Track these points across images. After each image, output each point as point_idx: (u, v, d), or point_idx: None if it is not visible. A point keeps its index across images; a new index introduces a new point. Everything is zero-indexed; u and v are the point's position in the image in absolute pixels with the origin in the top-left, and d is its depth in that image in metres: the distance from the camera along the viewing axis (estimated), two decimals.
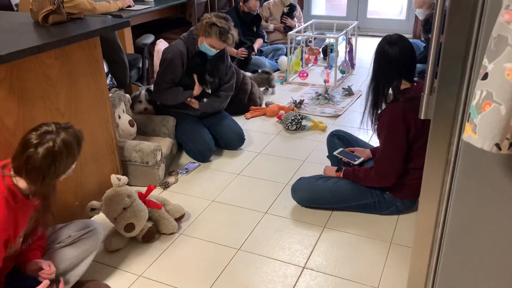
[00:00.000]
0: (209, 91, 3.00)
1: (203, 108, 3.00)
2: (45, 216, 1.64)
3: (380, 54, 2.11)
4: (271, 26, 5.07)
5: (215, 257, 2.07)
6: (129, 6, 3.72)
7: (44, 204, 1.60)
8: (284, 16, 5.06)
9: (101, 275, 1.95)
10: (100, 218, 2.12)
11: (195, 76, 2.89)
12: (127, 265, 2.02)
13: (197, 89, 2.92)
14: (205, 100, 2.98)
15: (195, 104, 2.96)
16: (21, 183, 1.53)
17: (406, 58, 2.08)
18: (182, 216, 2.28)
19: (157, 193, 2.50)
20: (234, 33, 2.85)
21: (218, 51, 2.88)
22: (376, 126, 2.20)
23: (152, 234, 2.15)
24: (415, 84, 2.14)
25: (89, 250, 1.83)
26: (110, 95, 2.65)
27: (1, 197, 1.46)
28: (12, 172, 1.53)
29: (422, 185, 1.41)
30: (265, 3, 5.15)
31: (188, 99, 2.94)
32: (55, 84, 2.03)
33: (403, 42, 2.09)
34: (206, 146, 2.91)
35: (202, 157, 2.91)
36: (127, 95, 2.86)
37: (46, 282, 1.62)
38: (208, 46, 2.83)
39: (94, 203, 2.11)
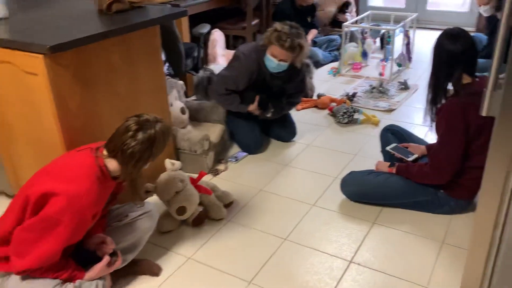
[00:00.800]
0: (269, 115, 2.88)
1: (263, 117, 2.93)
2: (134, 197, 1.80)
3: (440, 48, 2.03)
4: (332, 9, 4.98)
5: (262, 245, 2.09)
6: None
7: (132, 186, 1.74)
8: (340, 13, 5.01)
9: (153, 255, 2.03)
10: (153, 200, 2.21)
11: (256, 98, 2.76)
12: (177, 247, 2.09)
13: (253, 109, 2.82)
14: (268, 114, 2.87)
15: (255, 111, 2.86)
16: (111, 164, 1.66)
17: (467, 52, 1.99)
18: (231, 203, 2.33)
19: (207, 180, 2.56)
20: (302, 42, 2.60)
21: (284, 65, 2.67)
22: (434, 121, 2.13)
23: (202, 219, 2.21)
24: (477, 79, 2.05)
25: (145, 230, 1.91)
26: None
27: (94, 175, 1.61)
28: (105, 153, 1.66)
29: (482, 185, 1.35)
30: None
31: (250, 108, 2.85)
32: (116, 70, 2.12)
33: (464, 36, 2.00)
34: (253, 141, 2.91)
35: (248, 150, 2.92)
36: (181, 82, 2.92)
37: (107, 258, 1.73)
38: (270, 56, 2.64)
39: (149, 185, 2.19)
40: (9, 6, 2.35)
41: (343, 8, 5.04)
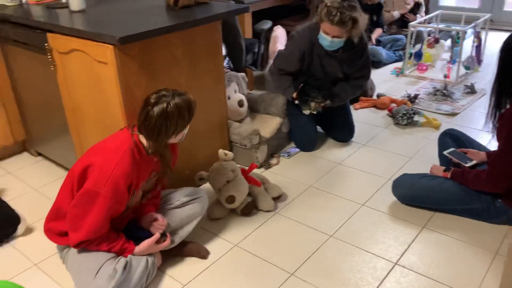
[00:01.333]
0: (314, 112, 2.73)
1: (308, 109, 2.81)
2: (164, 171, 1.87)
3: (507, 51, 1.94)
4: (396, 13, 4.87)
5: (307, 239, 2.12)
6: None
7: (162, 161, 1.83)
8: (407, 14, 4.86)
9: (202, 239, 2.13)
10: (206, 187, 2.31)
11: (295, 94, 2.64)
12: (225, 234, 2.18)
13: (296, 96, 2.74)
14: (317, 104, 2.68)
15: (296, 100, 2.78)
16: (144, 140, 1.78)
17: None
18: (279, 196, 2.38)
19: (259, 172, 2.63)
20: (355, 14, 2.41)
21: (339, 42, 2.52)
22: (496, 127, 2.04)
23: (251, 209, 2.28)
24: None
25: (195, 215, 2.01)
26: None
27: (128, 148, 1.73)
28: (136, 130, 1.79)
29: None
30: None
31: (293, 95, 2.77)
32: (179, 62, 2.24)
33: None
34: (308, 141, 2.91)
35: (302, 148, 2.93)
36: (241, 74, 2.99)
37: (157, 235, 1.85)
38: (323, 34, 2.53)
39: (203, 173, 2.30)
40: (87, 0, 2.55)
41: (415, 10, 4.90)
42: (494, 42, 4.72)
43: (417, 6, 4.96)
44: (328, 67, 2.76)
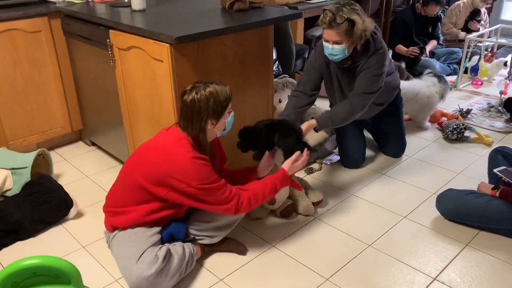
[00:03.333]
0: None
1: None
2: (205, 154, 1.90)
3: None
4: (462, 35, 4.70)
5: (345, 247, 2.12)
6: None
7: (200, 146, 1.87)
8: (472, 21, 4.68)
9: (241, 237, 2.18)
10: None
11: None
12: (263, 234, 2.21)
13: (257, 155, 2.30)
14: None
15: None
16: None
17: None
18: (320, 202, 2.39)
19: (300, 176, 2.65)
20: (353, 16, 2.17)
21: (339, 50, 2.26)
22: None
23: (290, 211, 2.31)
24: None
25: (237, 216, 2.02)
26: (275, 80, 2.87)
27: (187, 141, 1.82)
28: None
29: None
30: (452, 6, 4.83)
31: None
32: (230, 64, 2.30)
33: None
34: (355, 157, 2.80)
35: (345, 165, 2.83)
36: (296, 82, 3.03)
37: (296, 154, 2.04)
38: (324, 43, 2.30)
39: None
40: (148, 0, 2.68)
41: (474, 16, 4.71)
42: None
43: (475, 12, 4.76)
44: (345, 86, 2.53)
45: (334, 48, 2.27)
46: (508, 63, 4.07)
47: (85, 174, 2.79)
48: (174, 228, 1.94)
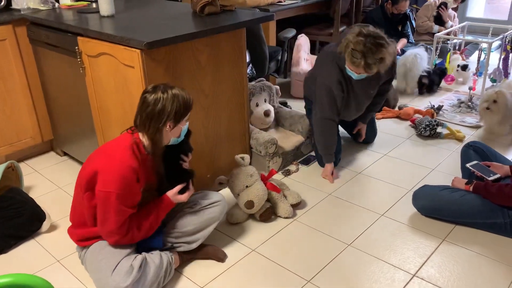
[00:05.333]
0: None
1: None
2: (155, 164, 1.85)
3: None
4: (435, 28, 4.79)
5: (325, 247, 2.12)
6: (280, 1, 3.89)
7: (154, 157, 1.82)
8: (441, 7, 4.73)
9: (220, 242, 2.15)
10: (225, 192, 2.33)
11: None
12: (243, 238, 2.19)
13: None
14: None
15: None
16: (145, 139, 1.80)
17: None
18: (298, 203, 2.39)
19: (278, 178, 2.64)
20: (382, 54, 2.29)
21: (362, 76, 2.44)
22: None
23: (269, 214, 2.30)
24: None
25: (214, 219, 2.01)
26: (252, 83, 2.86)
27: (128, 145, 1.76)
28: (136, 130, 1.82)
29: None
30: (428, 1, 4.90)
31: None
32: (203, 68, 2.28)
33: None
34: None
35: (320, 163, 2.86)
36: (276, 87, 3.02)
37: (179, 187, 1.90)
38: (348, 68, 2.44)
39: (222, 178, 2.33)
40: (117, 5, 2.63)
41: (442, 6, 4.80)
42: None
43: (442, 3, 4.85)
44: (360, 96, 2.67)
45: (361, 75, 2.44)
46: (471, 66, 4.16)
47: (58, 185, 2.72)
48: (150, 240, 1.90)
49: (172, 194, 1.89)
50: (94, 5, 2.87)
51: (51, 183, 2.74)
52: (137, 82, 2.06)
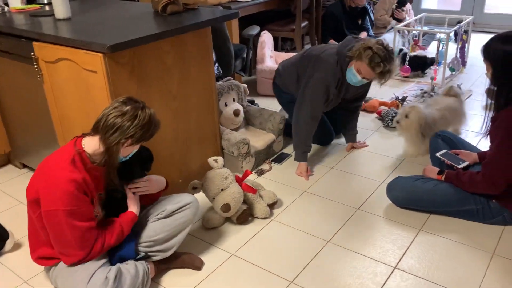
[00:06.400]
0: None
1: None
2: (110, 176, 1.78)
3: (501, 55, 1.92)
4: (393, 23, 4.89)
5: (305, 246, 2.10)
6: None
7: (107, 168, 1.75)
8: (397, 9, 4.87)
9: (197, 249, 2.09)
10: (200, 196, 2.26)
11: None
12: (221, 243, 2.14)
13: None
14: None
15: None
16: (90, 145, 1.70)
17: None
18: (275, 203, 2.35)
19: (252, 179, 2.60)
20: (392, 67, 2.44)
21: (361, 82, 2.53)
22: (489, 129, 2.04)
23: (246, 216, 2.25)
24: None
25: (186, 223, 1.92)
26: (220, 83, 2.80)
27: (70, 157, 1.66)
28: (88, 133, 1.73)
29: None
30: None
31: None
32: (169, 69, 2.20)
33: None
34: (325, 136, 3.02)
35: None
36: (243, 85, 2.97)
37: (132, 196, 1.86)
38: (355, 71, 2.47)
39: (196, 182, 2.26)
40: (72, 7, 2.49)
41: (401, 5, 4.92)
42: (477, 43, 4.79)
43: (402, 3, 4.98)
44: (349, 94, 2.77)
45: (362, 81, 2.53)
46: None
47: (19, 200, 2.56)
48: (122, 250, 1.82)
49: (134, 208, 1.85)
50: (47, 7, 2.72)
51: (12, 198, 2.58)
52: (101, 87, 1.96)
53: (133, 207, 1.86)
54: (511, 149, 1.94)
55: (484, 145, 2.62)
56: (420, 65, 4.16)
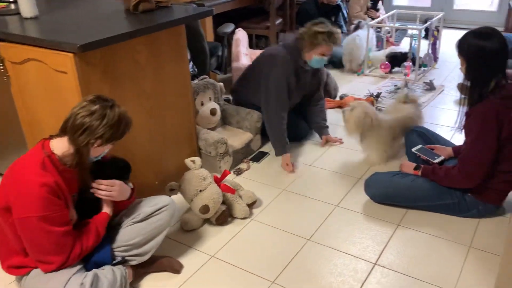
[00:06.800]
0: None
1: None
2: (82, 177, 1.73)
3: (476, 50, 1.95)
4: (367, 20, 4.93)
5: (285, 245, 2.09)
6: None
7: (80, 169, 1.69)
8: (370, 9, 4.95)
9: (176, 252, 2.05)
10: (177, 198, 2.22)
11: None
12: (200, 245, 2.10)
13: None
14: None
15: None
16: (59, 146, 1.64)
17: (502, 50, 1.93)
18: (254, 202, 2.33)
19: (230, 179, 2.57)
20: (338, 30, 2.72)
21: (325, 60, 2.77)
22: (464, 124, 2.07)
23: (226, 217, 2.22)
24: (510, 82, 1.99)
25: (162, 226, 1.87)
26: (195, 82, 2.75)
27: (39, 161, 1.60)
28: (56, 134, 1.67)
29: None
30: None
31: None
32: (143, 68, 2.14)
33: (497, 34, 1.95)
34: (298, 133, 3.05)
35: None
36: (220, 84, 2.92)
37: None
38: (319, 56, 2.69)
39: (173, 183, 2.22)
40: (39, 6, 2.40)
41: (374, 6, 4.99)
42: (447, 39, 4.88)
43: (375, 3, 5.05)
44: (307, 86, 2.90)
45: (324, 59, 2.76)
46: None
47: None
48: (97, 256, 1.76)
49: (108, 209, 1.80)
50: (12, 6, 2.61)
51: None
52: (72, 88, 1.89)
53: (106, 208, 1.80)
54: (486, 143, 1.97)
55: (458, 139, 2.66)
56: (399, 61, 4.21)
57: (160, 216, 1.87)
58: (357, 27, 4.44)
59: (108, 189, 1.76)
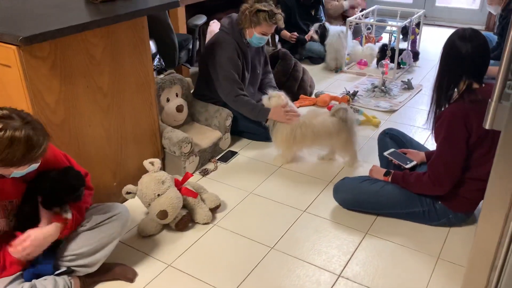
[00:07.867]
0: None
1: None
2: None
3: (450, 49, 1.88)
4: (346, 3, 4.85)
5: (247, 253, 1.98)
6: None
7: None
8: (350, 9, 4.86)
9: (131, 260, 1.93)
10: (135, 202, 2.10)
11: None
12: (157, 253, 1.98)
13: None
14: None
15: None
16: None
17: (478, 56, 1.85)
18: (217, 207, 2.22)
19: (195, 180, 2.45)
20: (280, 11, 2.75)
21: (264, 39, 2.81)
22: (434, 127, 1.99)
23: (186, 223, 2.10)
24: (484, 86, 1.91)
25: (113, 236, 1.75)
26: (161, 77, 2.60)
27: None
28: None
29: (485, 199, 1.21)
30: None
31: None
32: (99, 63, 2.00)
33: (477, 38, 1.85)
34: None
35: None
36: (188, 79, 2.78)
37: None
38: (260, 35, 2.74)
39: (131, 186, 2.09)
40: None
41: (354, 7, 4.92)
42: (428, 37, 4.82)
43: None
44: (255, 60, 2.96)
45: (264, 38, 2.79)
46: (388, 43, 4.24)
47: None
48: (38, 267, 1.63)
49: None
50: None
51: None
52: (16, 83, 1.74)
53: (43, 222, 1.61)
54: (454, 147, 1.89)
55: (433, 141, 2.59)
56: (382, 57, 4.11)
57: (111, 225, 1.75)
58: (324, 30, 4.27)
59: (19, 250, 1.55)
